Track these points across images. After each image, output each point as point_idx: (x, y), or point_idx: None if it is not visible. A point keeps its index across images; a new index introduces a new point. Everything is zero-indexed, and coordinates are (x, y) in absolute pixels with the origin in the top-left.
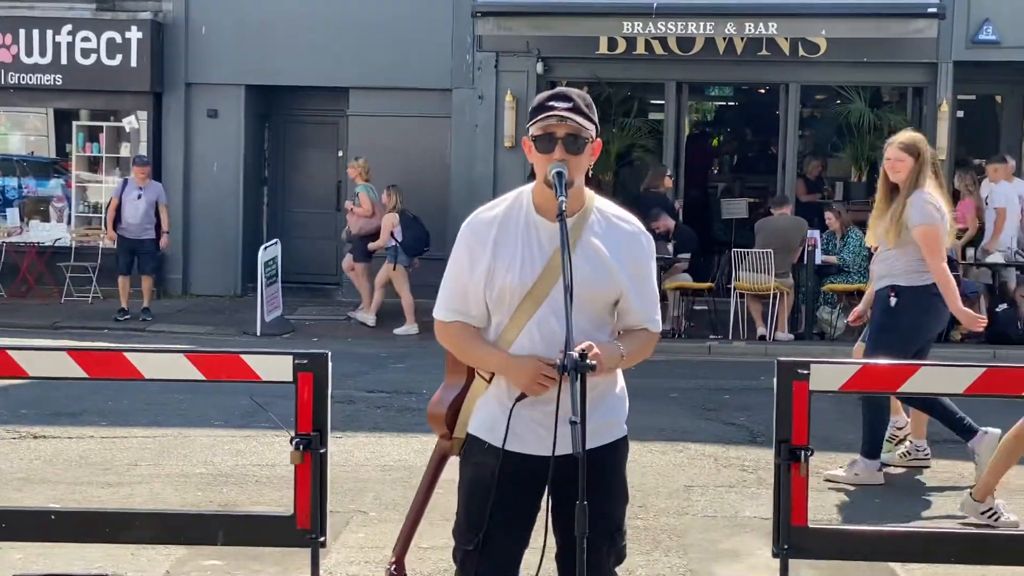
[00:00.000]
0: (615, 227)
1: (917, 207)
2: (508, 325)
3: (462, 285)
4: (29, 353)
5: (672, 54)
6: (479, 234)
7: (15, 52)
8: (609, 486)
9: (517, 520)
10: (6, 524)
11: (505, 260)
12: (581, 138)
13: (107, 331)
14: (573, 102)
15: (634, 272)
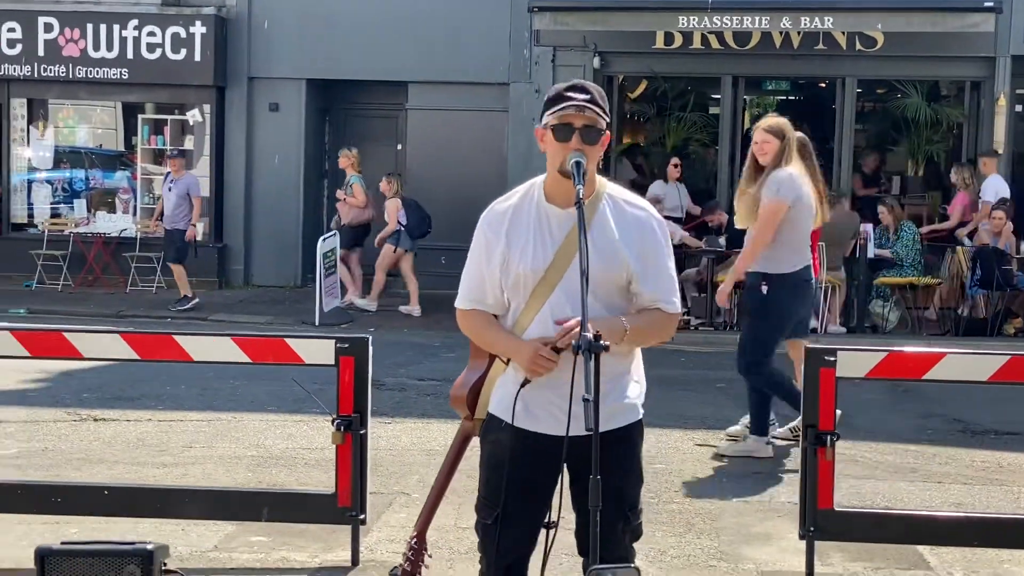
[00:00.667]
0: (625, 212)
1: (772, 185)
2: (523, 310)
3: (479, 275)
4: (84, 335)
5: (728, 48)
6: (494, 225)
7: (83, 47)
8: (624, 466)
9: (533, 496)
10: (62, 499)
11: (518, 248)
12: (597, 129)
13: (169, 320)
14: (590, 94)
15: (644, 255)
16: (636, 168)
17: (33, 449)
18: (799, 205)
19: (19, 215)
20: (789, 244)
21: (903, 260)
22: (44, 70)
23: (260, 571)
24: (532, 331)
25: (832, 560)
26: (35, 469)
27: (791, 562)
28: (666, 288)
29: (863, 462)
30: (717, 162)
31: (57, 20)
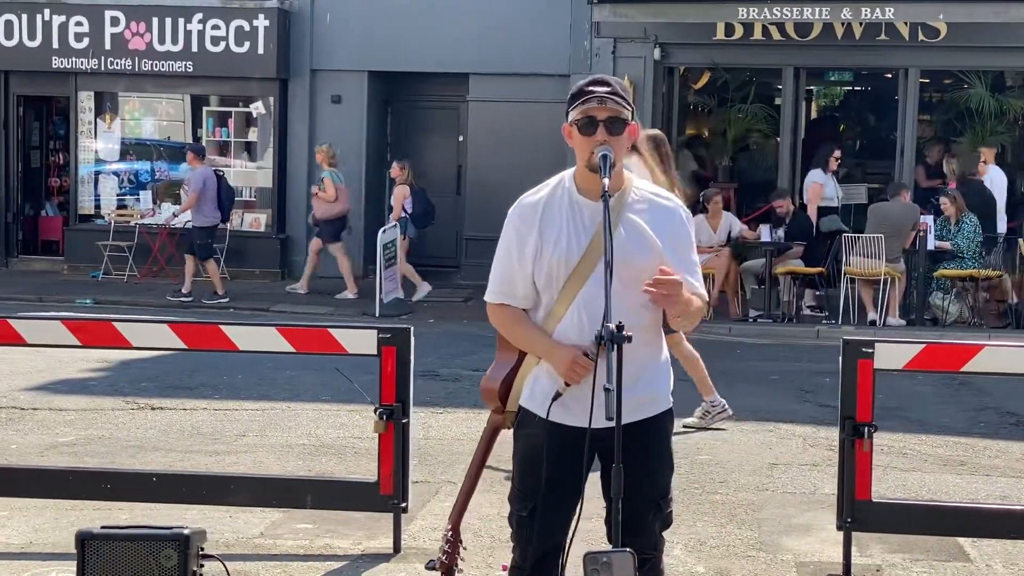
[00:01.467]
0: (654, 204)
1: None
2: (556, 302)
3: (509, 268)
4: (133, 325)
5: (789, 39)
6: (525, 217)
7: (148, 40)
8: (653, 456)
9: (566, 488)
10: (111, 485)
11: (551, 239)
12: (621, 120)
13: (232, 310)
14: (611, 86)
15: (674, 245)
16: (697, 159)
17: (90, 436)
18: None
19: (86, 206)
20: None
21: (964, 252)
22: (111, 63)
23: (303, 557)
24: (566, 323)
25: (871, 551)
26: (90, 456)
27: (829, 553)
28: (698, 278)
29: (912, 454)
30: (778, 154)
31: (123, 14)
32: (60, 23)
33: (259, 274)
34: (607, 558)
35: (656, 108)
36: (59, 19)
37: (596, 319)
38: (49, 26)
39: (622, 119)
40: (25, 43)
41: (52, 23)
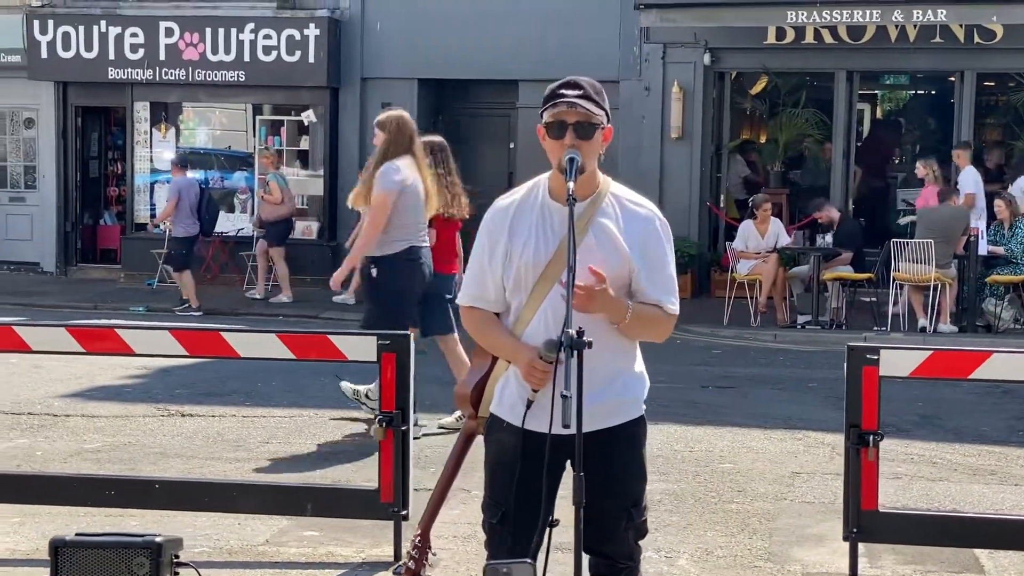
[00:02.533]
0: (628, 211)
1: (380, 179)
2: (525, 306)
3: (481, 271)
4: (135, 332)
5: (842, 43)
6: (496, 220)
7: (202, 50)
8: (623, 464)
9: (536, 495)
10: (115, 492)
11: (520, 242)
12: (591, 124)
13: (281, 317)
14: (583, 89)
15: (645, 254)
16: (749, 164)
17: (116, 443)
18: (404, 194)
19: (142, 215)
20: (398, 229)
21: (1018, 257)
22: (165, 74)
23: (303, 565)
24: (533, 327)
25: (883, 562)
26: (112, 463)
27: (839, 564)
28: (667, 287)
29: (941, 463)
30: (832, 159)
31: (178, 25)
32: (116, 34)
33: (310, 281)
34: (507, 569)
35: (706, 113)
36: (115, 31)
37: (561, 322)
38: (105, 38)
39: (592, 124)
40: (82, 54)
41: (108, 35)
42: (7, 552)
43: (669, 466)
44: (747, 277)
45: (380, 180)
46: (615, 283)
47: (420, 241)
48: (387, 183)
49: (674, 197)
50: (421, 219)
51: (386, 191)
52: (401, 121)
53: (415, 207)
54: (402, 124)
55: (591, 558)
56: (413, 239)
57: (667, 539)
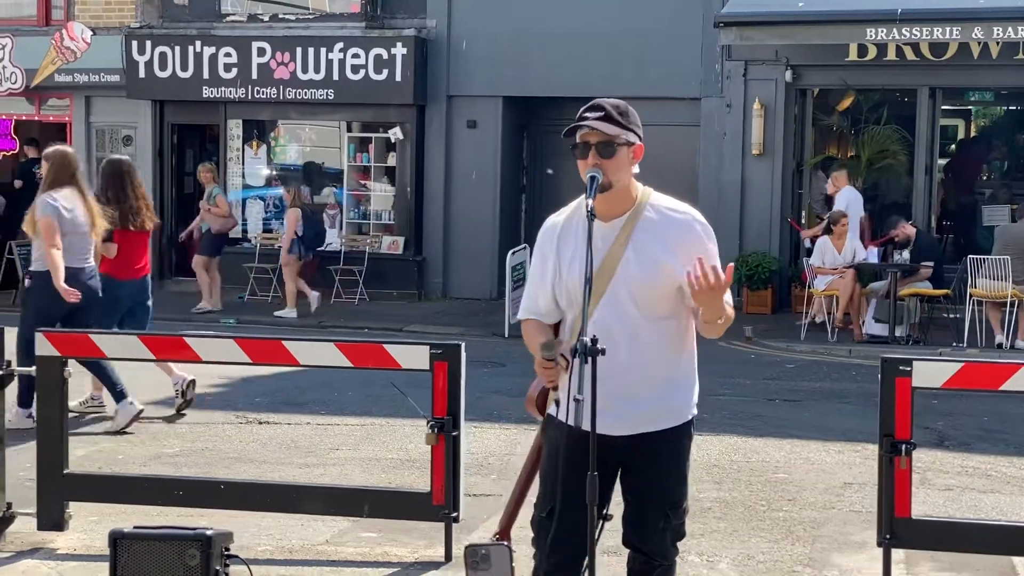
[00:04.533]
0: (668, 218)
1: (40, 206)
2: (577, 319)
3: (535, 286)
4: (202, 340)
5: (924, 59)
6: (545, 238)
7: (292, 69)
8: (665, 466)
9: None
10: (184, 492)
11: (567, 258)
12: (614, 144)
13: (366, 330)
14: (604, 111)
15: (689, 257)
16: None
17: (194, 448)
18: (62, 220)
19: (234, 231)
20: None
21: None
22: (257, 92)
23: (359, 564)
24: None
25: (919, 569)
26: (188, 467)
27: (875, 570)
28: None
29: (995, 476)
30: (913, 175)
31: (269, 45)
32: (210, 54)
33: (396, 295)
34: (485, 551)
35: (788, 129)
36: (209, 50)
37: (605, 334)
38: (200, 57)
39: (616, 143)
40: (178, 74)
41: (203, 54)
42: (83, 548)
43: (724, 475)
44: (824, 293)
45: (39, 208)
46: (658, 293)
47: (80, 263)
48: (44, 209)
49: (755, 213)
50: (82, 243)
51: (43, 216)
52: (63, 156)
53: (72, 232)
54: (64, 158)
55: (629, 553)
56: (71, 261)
57: (711, 544)
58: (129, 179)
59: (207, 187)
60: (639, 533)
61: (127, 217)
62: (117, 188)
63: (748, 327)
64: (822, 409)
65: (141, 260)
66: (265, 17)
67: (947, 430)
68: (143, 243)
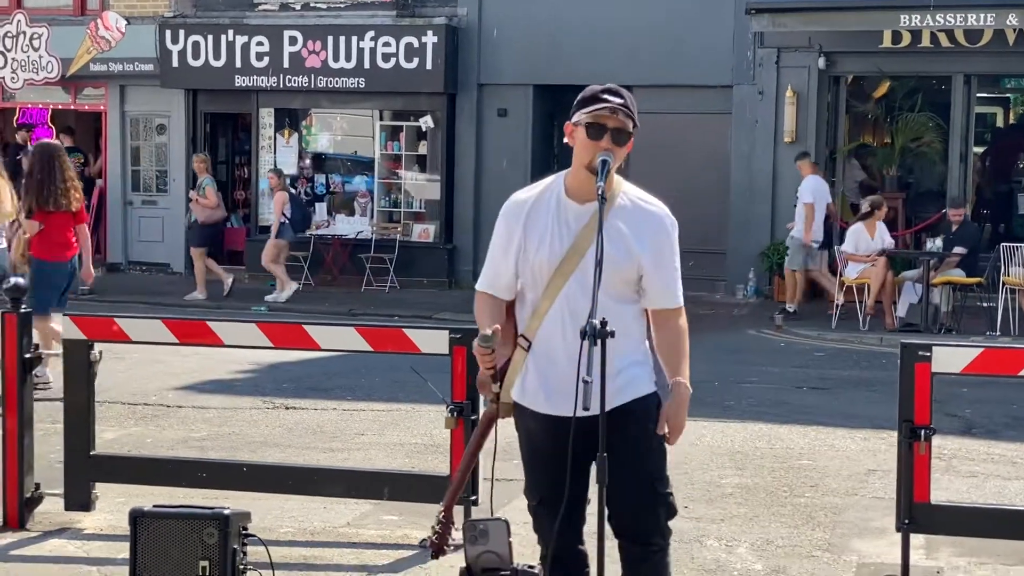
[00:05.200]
0: (640, 209)
1: None
2: (541, 299)
3: (497, 261)
4: (224, 324)
5: (959, 46)
6: (513, 213)
7: (324, 58)
8: (640, 437)
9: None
10: (207, 474)
11: (535, 238)
12: (626, 132)
13: (396, 317)
14: (624, 99)
15: (655, 250)
16: (864, 168)
17: (222, 433)
18: None
19: (267, 218)
20: None
21: None
22: (289, 81)
23: (378, 545)
24: (549, 319)
25: (939, 554)
26: (214, 450)
27: (895, 555)
28: (670, 282)
29: (1021, 463)
30: (948, 163)
31: (301, 34)
32: (243, 43)
33: (427, 283)
34: (483, 526)
35: (820, 117)
36: (241, 39)
37: (577, 315)
38: (233, 47)
39: (627, 132)
40: (211, 63)
41: (235, 43)
42: (109, 528)
43: (747, 461)
44: (856, 281)
45: None
46: (623, 277)
47: None
48: None
49: (786, 201)
50: None
51: None
52: None
53: None
54: None
55: (623, 545)
56: None
57: (730, 529)
58: (58, 162)
59: (200, 177)
60: (630, 514)
61: (50, 198)
62: (45, 170)
63: (778, 315)
64: (850, 397)
65: (68, 241)
66: (297, 6)
67: (974, 418)
68: (68, 224)
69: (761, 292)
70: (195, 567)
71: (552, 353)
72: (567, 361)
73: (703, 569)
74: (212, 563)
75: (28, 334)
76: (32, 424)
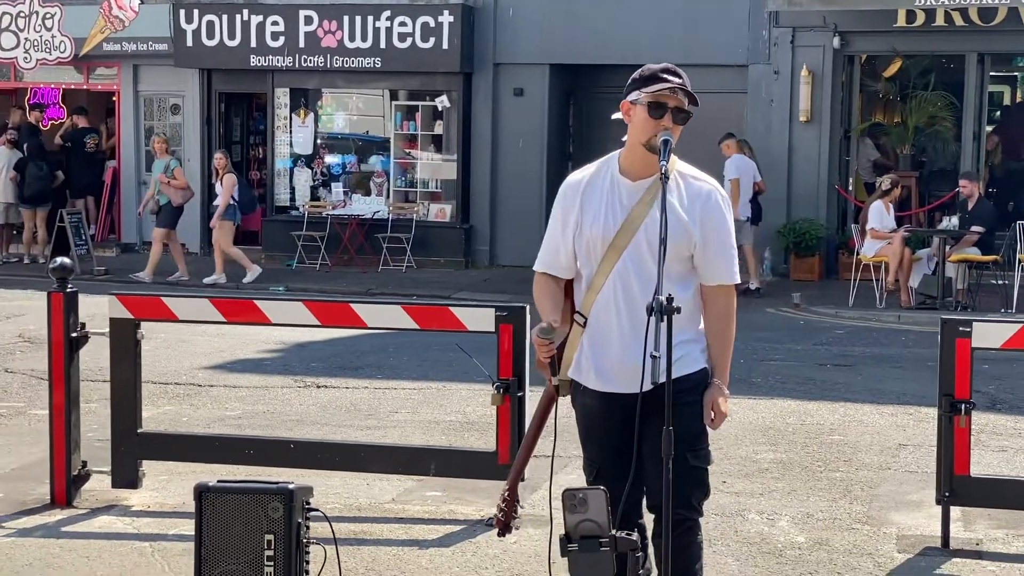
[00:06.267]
0: (691, 185)
1: None
2: (595, 275)
3: (554, 240)
4: (272, 303)
5: (973, 25)
6: (568, 194)
7: (340, 38)
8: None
9: (620, 451)
10: (254, 451)
11: (590, 215)
12: (685, 112)
13: (415, 297)
14: (683, 79)
15: (705, 226)
16: (878, 147)
17: (256, 411)
18: None
19: (282, 198)
20: None
21: None
22: (304, 60)
23: (427, 520)
24: (603, 295)
25: (976, 527)
26: (251, 428)
27: (933, 527)
28: (726, 262)
29: None
30: (961, 141)
31: (316, 13)
32: (257, 23)
33: (443, 263)
34: (583, 495)
35: (835, 96)
36: (256, 19)
37: (629, 291)
38: (248, 26)
39: (686, 112)
40: (225, 42)
41: (250, 23)
42: (156, 505)
43: (780, 437)
44: (873, 259)
45: None
46: (677, 253)
47: None
48: None
49: (802, 180)
50: None
51: None
52: None
53: None
54: None
55: (655, 518)
56: None
57: (770, 503)
58: None
59: (161, 159)
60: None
61: None
62: None
63: (796, 294)
64: (873, 374)
65: None
66: None
67: (999, 393)
68: None
69: (778, 271)
70: (260, 541)
71: (606, 328)
72: (619, 337)
73: (747, 542)
74: (277, 537)
75: (75, 313)
76: (79, 402)
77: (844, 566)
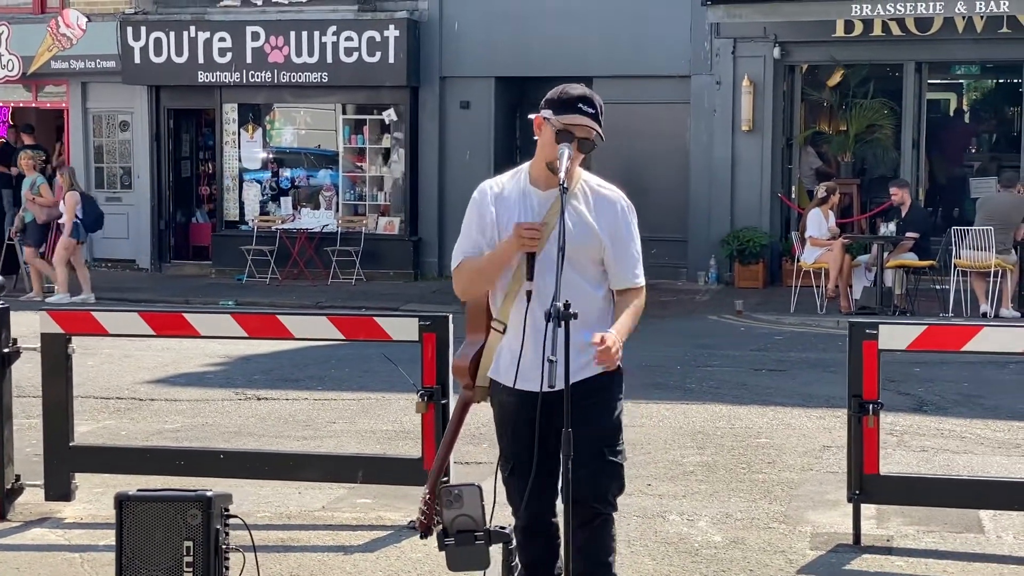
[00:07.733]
0: (597, 194)
1: None
2: (511, 282)
3: (473, 236)
4: (200, 316)
5: (910, 34)
6: (484, 200)
7: (286, 53)
8: (597, 405)
9: (534, 449)
10: (185, 462)
11: (504, 221)
12: (591, 142)
13: (364, 309)
14: (596, 109)
15: (613, 233)
16: (820, 155)
17: (195, 424)
18: None
19: (232, 213)
20: None
21: None
22: (252, 76)
23: (354, 527)
24: (519, 300)
25: (889, 524)
26: (189, 441)
27: (848, 525)
28: (632, 262)
29: (969, 438)
30: (900, 149)
31: (263, 29)
32: (205, 39)
33: (393, 275)
34: (458, 491)
35: (777, 105)
36: (204, 35)
37: (543, 296)
38: (195, 42)
39: (591, 142)
40: (173, 59)
41: (198, 39)
42: (89, 517)
43: (707, 440)
44: (813, 266)
45: None
46: (589, 256)
47: None
48: None
49: (745, 189)
50: None
51: None
52: None
53: None
54: None
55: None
56: None
57: (692, 504)
58: None
59: (28, 176)
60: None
61: None
62: None
63: (739, 301)
64: (806, 378)
65: None
66: (258, 1)
67: (926, 396)
68: None
69: (722, 279)
70: (179, 548)
71: (522, 332)
72: (535, 340)
73: (666, 542)
74: (196, 543)
75: (7, 328)
76: (11, 417)
77: (757, 564)
